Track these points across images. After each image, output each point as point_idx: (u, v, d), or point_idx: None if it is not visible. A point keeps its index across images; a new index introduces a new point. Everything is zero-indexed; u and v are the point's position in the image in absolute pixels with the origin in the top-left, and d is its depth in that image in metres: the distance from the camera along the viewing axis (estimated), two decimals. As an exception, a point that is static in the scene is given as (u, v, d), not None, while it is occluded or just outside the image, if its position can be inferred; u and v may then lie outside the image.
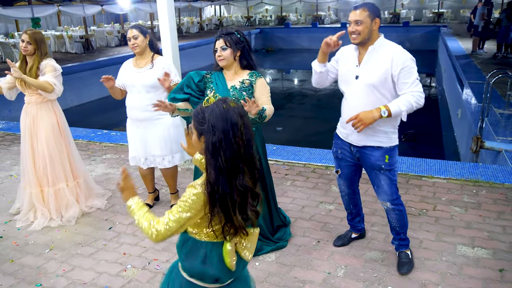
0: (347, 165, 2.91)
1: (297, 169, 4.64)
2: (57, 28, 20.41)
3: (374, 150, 2.69)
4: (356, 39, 2.58)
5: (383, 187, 2.75)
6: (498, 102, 6.89)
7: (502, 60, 11.54)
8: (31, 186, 3.67)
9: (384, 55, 2.58)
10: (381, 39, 2.62)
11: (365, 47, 2.63)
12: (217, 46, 2.87)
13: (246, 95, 2.87)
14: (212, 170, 1.45)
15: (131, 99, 3.55)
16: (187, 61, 14.43)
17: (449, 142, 8.26)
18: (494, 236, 3.23)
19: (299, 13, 31.06)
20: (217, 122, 1.44)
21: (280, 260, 3.03)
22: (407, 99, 2.51)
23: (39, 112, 3.60)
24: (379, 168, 2.71)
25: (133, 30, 3.44)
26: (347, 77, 2.71)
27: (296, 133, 9.06)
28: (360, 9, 2.56)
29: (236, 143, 1.44)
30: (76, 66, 12.73)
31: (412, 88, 2.53)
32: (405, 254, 2.91)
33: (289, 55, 22.86)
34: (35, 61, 3.51)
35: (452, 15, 27.42)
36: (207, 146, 1.45)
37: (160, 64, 3.49)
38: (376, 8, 2.60)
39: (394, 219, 2.84)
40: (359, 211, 3.15)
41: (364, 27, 2.54)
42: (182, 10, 25.35)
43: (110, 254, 3.18)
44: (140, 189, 4.28)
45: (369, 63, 2.61)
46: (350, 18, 2.59)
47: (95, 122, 9.41)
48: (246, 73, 2.94)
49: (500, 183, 4.11)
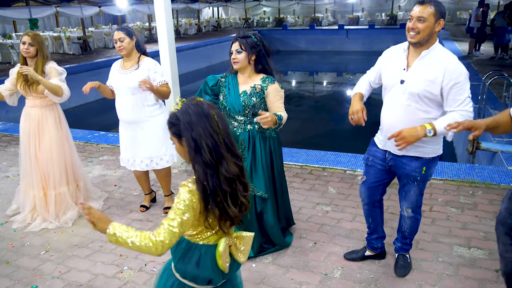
0: (374, 173, 2.71)
1: (294, 171, 4.64)
2: (55, 29, 20.39)
3: (412, 161, 2.50)
4: (414, 37, 2.32)
5: (411, 197, 2.62)
6: (494, 103, 6.92)
7: (498, 61, 11.60)
8: (35, 189, 3.65)
9: (437, 64, 2.33)
10: (437, 44, 2.38)
11: (418, 50, 2.38)
12: (232, 48, 2.85)
13: (256, 100, 2.85)
14: (198, 166, 1.47)
15: (119, 101, 3.53)
16: (185, 62, 14.43)
17: (446, 143, 8.27)
18: (490, 236, 3.24)
19: (296, 15, 31.13)
20: (192, 118, 1.48)
21: (276, 261, 3.03)
22: (455, 118, 2.26)
23: (44, 116, 3.59)
24: (414, 179, 2.55)
25: (119, 32, 3.39)
26: (391, 80, 2.49)
27: (293, 134, 9.06)
28: (426, 4, 2.28)
29: (215, 132, 1.49)
30: (73, 67, 12.70)
31: (462, 106, 2.31)
32: (404, 258, 2.88)
33: (287, 56, 22.87)
34: (38, 63, 3.47)
35: (448, 17, 27.53)
36: (189, 144, 1.48)
37: (146, 65, 3.44)
38: (443, 7, 2.33)
39: (407, 225, 2.74)
40: (377, 227, 2.90)
41: (426, 26, 2.27)
42: (180, 12, 25.34)
43: (106, 256, 3.18)
44: (136, 190, 4.28)
45: (418, 69, 2.38)
46: (412, 13, 2.32)
47: (92, 124, 9.39)
48: (259, 77, 2.91)
49: (496, 183, 4.12)
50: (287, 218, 3.31)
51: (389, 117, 2.52)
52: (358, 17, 28.32)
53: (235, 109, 2.87)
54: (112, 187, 4.42)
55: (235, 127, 2.91)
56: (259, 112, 2.64)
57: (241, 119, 2.89)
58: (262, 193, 2.94)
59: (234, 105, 2.87)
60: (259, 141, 2.91)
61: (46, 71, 3.50)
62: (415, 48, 2.39)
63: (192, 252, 1.58)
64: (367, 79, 2.75)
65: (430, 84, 2.34)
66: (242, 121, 2.89)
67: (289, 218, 3.35)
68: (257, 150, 2.91)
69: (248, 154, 2.90)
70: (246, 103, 2.85)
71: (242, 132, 2.90)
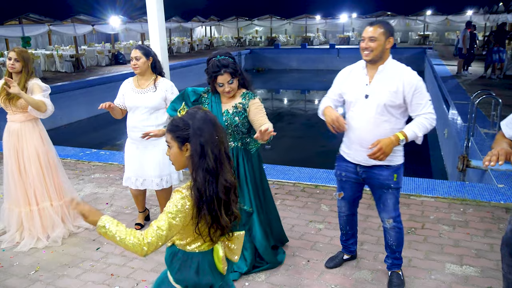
0: (351, 187, 2.85)
1: (287, 188, 4.65)
2: (47, 47, 20.43)
3: (383, 170, 2.65)
4: (368, 55, 2.53)
5: (389, 206, 2.72)
6: (483, 122, 7.03)
7: (487, 81, 11.83)
8: (20, 206, 3.61)
9: (395, 75, 2.55)
10: (391, 59, 2.61)
11: (375, 66, 2.59)
12: (222, 81, 2.80)
13: (239, 120, 2.87)
14: (200, 172, 1.52)
15: (133, 120, 3.52)
16: (178, 80, 14.50)
17: (437, 161, 8.37)
18: (481, 254, 3.26)
19: (288, 34, 31.60)
20: (202, 125, 1.55)
21: (270, 280, 3.01)
22: (422, 122, 2.48)
23: (24, 130, 3.57)
24: (388, 187, 2.67)
25: (137, 50, 3.44)
26: (355, 97, 2.64)
27: (286, 152, 9.10)
28: (376, 25, 2.52)
29: (220, 140, 1.57)
30: (65, 85, 12.70)
31: (425, 109, 2.52)
32: (397, 275, 2.89)
33: (279, 75, 23.12)
34: (21, 79, 3.49)
35: (437, 37, 28.15)
36: (195, 149, 1.53)
37: (163, 86, 3.48)
38: (391, 27, 2.57)
39: (392, 237, 2.81)
40: (354, 233, 3.10)
41: (378, 44, 2.50)
42: (173, 31, 25.60)
43: (97, 275, 3.13)
44: (128, 209, 4.24)
45: (380, 82, 2.57)
46: (364, 34, 2.55)
47: (84, 141, 9.35)
48: (239, 94, 2.94)
49: (486, 201, 4.16)
50: (278, 235, 3.30)
51: (358, 131, 2.64)
52: (349, 37, 28.81)
53: (235, 129, 2.89)
54: (104, 205, 4.38)
55: None
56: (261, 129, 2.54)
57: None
58: (247, 207, 2.96)
59: None
60: (242, 158, 2.95)
61: (28, 87, 3.50)
62: (371, 64, 2.61)
63: (190, 261, 1.61)
64: (329, 98, 2.84)
65: (394, 95, 2.53)
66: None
67: (281, 236, 3.34)
68: (241, 167, 2.94)
69: (233, 171, 2.91)
70: (229, 123, 2.87)
71: None
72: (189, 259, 1.62)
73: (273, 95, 19.02)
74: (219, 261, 1.62)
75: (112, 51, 19.14)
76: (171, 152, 1.60)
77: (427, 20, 26.18)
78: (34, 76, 3.58)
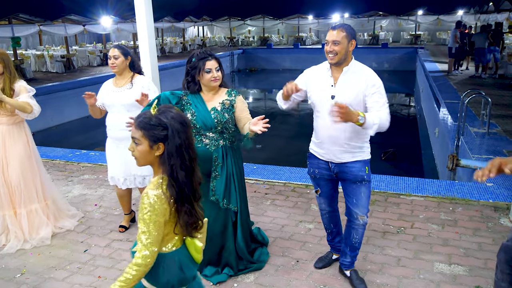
0: (325, 183, 2.92)
1: (277, 188, 4.64)
2: (38, 47, 20.25)
3: (354, 163, 2.73)
4: (333, 59, 2.62)
5: (362, 200, 2.76)
6: (473, 121, 7.07)
7: (477, 80, 11.91)
8: (4, 209, 3.58)
9: (358, 76, 2.65)
10: (354, 61, 2.70)
11: (339, 68, 2.67)
12: (210, 66, 2.79)
13: (228, 116, 2.86)
14: (179, 171, 1.56)
15: (112, 118, 3.53)
16: (170, 80, 14.42)
17: (428, 160, 8.41)
18: (470, 253, 3.27)
19: (281, 34, 31.62)
20: (178, 126, 1.57)
21: (259, 280, 3.00)
22: (380, 115, 2.55)
23: (10, 133, 3.55)
24: (362, 179, 2.73)
25: (115, 49, 3.46)
26: (321, 97, 2.73)
27: (277, 152, 9.10)
28: (338, 29, 2.60)
29: (192, 140, 1.62)
30: (56, 86, 12.60)
31: (383, 108, 2.59)
32: (356, 272, 2.95)
33: (271, 75, 23.12)
34: (5, 81, 3.48)
35: (429, 37, 28.32)
36: (171, 150, 1.56)
37: (140, 83, 3.51)
38: (353, 30, 2.66)
39: (359, 235, 2.84)
40: (339, 230, 3.12)
41: (341, 47, 2.59)
42: (165, 31, 25.51)
43: (84, 278, 3.10)
44: (117, 210, 4.21)
45: (344, 84, 2.66)
46: (327, 38, 2.63)
47: (75, 142, 9.28)
48: (223, 92, 2.94)
49: (475, 200, 4.18)
50: (253, 235, 3.28)
51: (328, 130, 2.71)
52: (341, 37, 28.84)
53: (207, 126, 2.85)
54: (93, 207, 4.34)
55: (207, 144, 2.89)
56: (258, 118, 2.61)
57: (212, 136, 2.88)
58: (233, 206, 2.94)
59: (205, 122, 2.85)
60: (231, 157, 2.93)
61: (16, 90, 3.50)
62: (335, 66, 2.68)
63: (172, 261, 1.65)
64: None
65: (356, 94, 2.62)
66: (214, 137, 2.89)
67: (255, 234, 3.32)
68: (229, 166, 2.92)
69: (222, 169, 2.90)
70: (219, 119, 2.85)
71: (215, 149, 2.89)
72: (171, 259, 1.65)
73: (266, 95, 19.03)
74: (197, 252, 1.69)
75: (104, 51, 19.02)
76: (139, 149, 1.60)
77: (419, 20, 26.31)
78: (19, 78, 3.57)
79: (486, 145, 5.91)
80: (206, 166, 2.88)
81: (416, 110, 14.10)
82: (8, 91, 3.45)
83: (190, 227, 1.64)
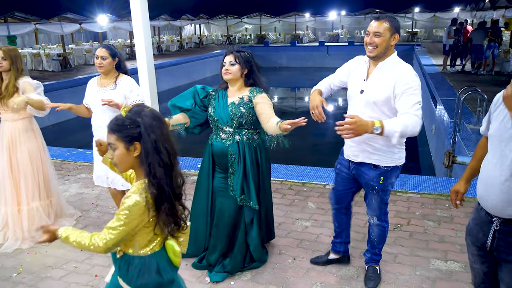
0: (341, 181, 2.86)
1: (274, 186, 4.64)
2: (34, 46, 20.16)
3: (370, 170, 2.60)
4: (372, 51, 2.45)
5: (373, 205, 2.74)
6: (469, 118, 7.09)
7: (473, 77, 11.93)
8: (8, 205, 3.58)
9: (391, 73, 2.46)
10: (394, 56, 2.52)
11: (377, 62, 2.51)
12: (226, 60, 2.89)
13: (244, 110, 2.86)
14: (157, 169, 1.52)
15: (96, 118, 3.49)
16: (167, 79, 14.42)
17: (425, 157, 8.43)
18: (466, 249, 3.26)
19: (278, 32, 31.57)
20: (151, 121, 1.54)
21: (255, 278, 3.00)
22: (405, 120, 2.29)
23: (17, 129, 3.55)
24: (372, 188, 2.67)
25: (103, 49, 3.38)
26: (353, 90, 2.62)
27: (274, 150, 9.10)
28: (382, 20, 2.41)
29: (169, 136, 1.58)
30: (53, 84, 12.55)
31: (413, 110, 2.33)
32: (374, 269, 2.92)
33: (268, 73, 23.05)
34: (11, 77, 3.47)
35: (425, 34, 28.36)
36: (148, 147, 1.52)
37: (123, 84, 3.43)
38: (397, 22, 2.47)
39: (375, 234, 2.83)
40: (341, 232, 3.03)
41: (383, 40, 2.41)
42: (162, 29, 25.43)
43: (81, 277, 3.09)
44: (114, 209, 4.20)
45: (375, 79, 2.50)
46: (369, 29, 2.45)
47: (71, 141, 9.25)
48: (247, 89, 2.95)
49: (472, 196, 4.19)
50: (268, 231, 3.29)
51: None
52: (338, 34, 28.89)
53: (223, 120, 2.89)
54: (89, 206, 4.33)
55: (223, 139, 2.92)
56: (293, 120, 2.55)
57: (229, 130, 2.90)
58: (253, 204, 2.92)
59: (222, 116, 2.89)
60: (248, 152, 2.92)
61: (20, 87, 3.48)
62: (373, 60, 2.53)
63: (149, 264, 1.62)
64: (328, 80, 2.86)
65: (385, 92, 2.44)
66: (230, 132, 2.90)
67: (270, 232, 3.33)
68: (247, 161, 2.91)
69: (239, 165, 2.90)
70: (233, 113, 2.86)
71: (231, 144, 2.90)
72: (147, 262, 1.62)
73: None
74: (176, 256, 1.66)
75: (100, 50, 18.93)
76: (116, 154, 1.56)
77: (415, 17, 26.35)
78: (23, 74, 3.55)
79: (482, 142, 5.92)
80: (222, 161, 2.93)
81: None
82: (11, 88, 3.44)
83: (170, 227, 1.60)
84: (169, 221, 1.58)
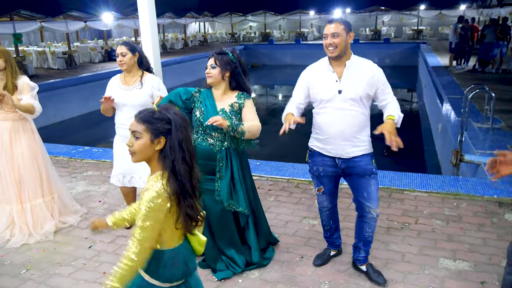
0: (329, 181, 2.89)
1: (281, 184, 4.64)
2: (40, 44, 20.24)
3: (362, 157, 2.74)
4: (333, 52, 2.62)
5: (373, 193, 2.77)
6: (476, 116, 7.05)
7: (480, 75, 11.85)
8: (11, 203, 3.61)
9: (363, 70, 2.68)
10: (353, 55, 2.71)
11: (341, 61, 2.68)
12: (208, 63, 2.89)
13: (235, 119, 2.85)
14: (181, 164, 1.58)
15: (121, 117, 3.50)
16: (172, 77, 14.43)
17: (431, 156, 8.39)
18: (474, 248, 3.27)
19: (282, 30, 31.51)
20: (181, 121, 1.61)
21: (263, 276, 3.00)
22: (397, 105, 2.68)
23: (16, 128, 3.59)
24: (371, 172, 2.74)
25: (122, 46, 3.42)
26: (326, 94, 2.69)
27: (280, 148, 9.08)
28: (336, 22, 2.63)
29: (191, 138, 1.66)
30: (58, 82, 12.59)
31: (393, 96, 2.72)
32: (371, 265, 2.96)
33: (273, 71, 23.08)
34: (8, 77, 3.49)
35: (431, 32, 28.17)
36: (174, 144, 1.59)
37: (149, 82, 3.46)
38: (349, 23, 2.70)
39: (372, 228, 2.84)
40: (337, 226, 3.12)
41: (341, 40, 2.60)
42: (167, 27, 25.44)
43: (89, 274, 3.11)
44: (121, 206, 4.21)
45: (351, 77, 2.66)
46: (326, 32, 2.64)
47: (77, 139, 9.28)
48: (234, 94, 2.92)
49: (480, 195, 4.17)
50: (266, 236, 3.26)
51: (335, 126, 2.70)
52: (343, 32, 28.72)
53: (213, 126, 2.81)
54: (96, 203, 4.35)
55: (211, 144, 2.88)
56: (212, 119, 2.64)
57: (218, 136, 2.87)
58: (242, 209, 2.92)
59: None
60: (235, 158, 2.91)
61: (19, 86, 3.52)
62: (336, 60, 2.68)
63: (178, 256, 1.68)
64: (293, 104, 2.88)
65: (367, 87, 2.66)
66: (219, 138, 2.87)
67: (268, 236, 3.29)
68: (234, 167, 2.91)
69: (226, 171, 2.88)
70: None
71: (219, 150, 2.87)
72: (177, 255, 1.68)
73: (267, 91, 18.99)
74: (201, 246, 1.75)
75: (105, 48, 19.00)
76: (138, 143, 1.61)
77: (421, 14, 26.17)
78: (21, 73, 3.58)
79: (490, 140, 5.89)
80: (209, 165, 2.88)
81: (418, 105, 14.06)
82: (10, 87, 3.47)
83: (191, 221, 1.65)
84: (192, 215, 1.63)
